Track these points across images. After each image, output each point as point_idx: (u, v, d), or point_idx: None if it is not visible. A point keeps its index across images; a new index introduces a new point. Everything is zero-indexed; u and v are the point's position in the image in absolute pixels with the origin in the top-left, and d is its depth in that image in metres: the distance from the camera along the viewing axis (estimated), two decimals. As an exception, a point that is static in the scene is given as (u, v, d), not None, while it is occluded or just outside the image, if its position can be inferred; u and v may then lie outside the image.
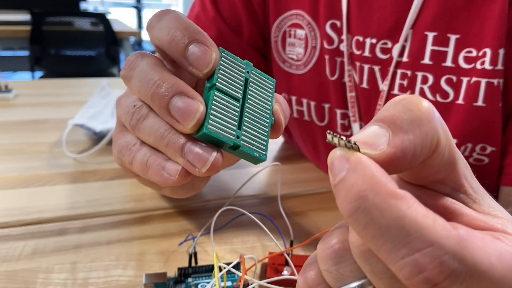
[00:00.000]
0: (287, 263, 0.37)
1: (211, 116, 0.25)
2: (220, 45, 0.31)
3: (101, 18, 2.47)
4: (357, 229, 0.15)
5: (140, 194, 0.51)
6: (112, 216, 0.46)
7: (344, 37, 0.48)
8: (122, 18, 3.48)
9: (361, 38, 0.47)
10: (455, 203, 0.19)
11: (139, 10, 5.69)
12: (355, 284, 0.17)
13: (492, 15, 0.39)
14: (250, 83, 0.27)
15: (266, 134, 0.27)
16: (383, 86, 0.47)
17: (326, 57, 0.50)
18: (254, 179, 0.54)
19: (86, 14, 2.58)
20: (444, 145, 0.17)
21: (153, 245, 0.42)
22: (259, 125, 0.27)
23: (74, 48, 2.52)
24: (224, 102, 0.26)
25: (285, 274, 0.35)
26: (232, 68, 0.27)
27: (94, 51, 2.58)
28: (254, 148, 0.26)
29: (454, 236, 0.14)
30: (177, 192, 0.35)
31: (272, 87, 0.29)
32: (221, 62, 0.26)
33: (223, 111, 0.25)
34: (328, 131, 0.17)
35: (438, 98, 0.43)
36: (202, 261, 0.38)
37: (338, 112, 0.51)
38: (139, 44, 5.43)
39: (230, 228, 0.44)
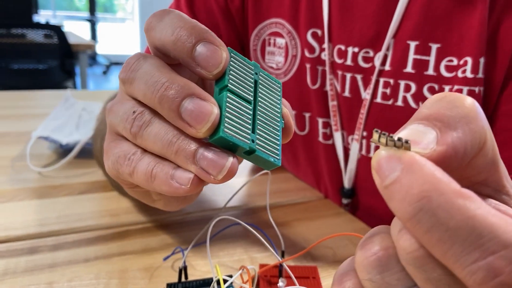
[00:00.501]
0: (280, 275, 0.35)
1: (226, 119, 0.23)
2: None
3: (56, 30, 2.38)
4: (418, 233, 0.14)
5: (114, 208, 0.49)
6: (87, 232, 0.44)
7: (325, 45, 0.48)
8: (76, 31, 3.39)
9: (343, 47, 0.47)
10: (499, 205, 0.18)
11: (93, 23, 5.56)
12: None
13: (472, 25, 0.40)
14: (260, 85, 0.26)
15: (278, 138, 0.26)
16: (366, 95, 0.47)
17: (307, 66, 0.50)
18: (235, 190, 0.53)
19: (40, 26, 2.48)
20: (489, 144, 0.17)
21: (134, 261, 0.39)
22: (271, 129, 0.26)
23: (26, 61, 2.42)
24: (237, 104, 0.24)
25: (281, 285, 0.34)
26: (241, 69, 0.25)
27: (48, 64, 2.48)
28: (269, 152, 0.25)
29: None
30: (171, 205, 0.33)
31: (279, 89, 0.28)
32: (230, 62, 0.25)
33: (237, 114, 0.24)
34: (375, 129, 0.16)
35: None
36: (190, 276, 0.36)
37: (320, 121, 0.51)
38: (93, 58, 5.30)
39: (215, 242, 0.43)
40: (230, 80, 0.24)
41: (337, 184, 0.54)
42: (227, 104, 0.24)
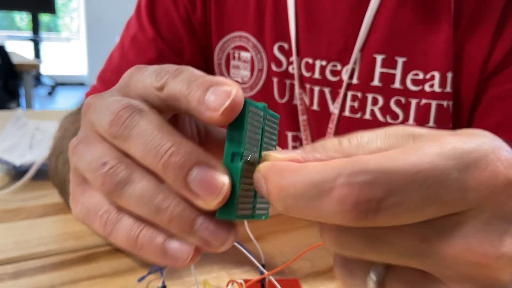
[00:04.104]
0: (262, 289, 0.35)
1: (240, 198, 0.20)
2: None
3: (-2, 49, 2.28)
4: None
5: (78, 230, 0.46)
6: (50, 257, 0.41)
7: (293, 59, 0.49)
8: (19, 51, 3.25)
9: (310, 60, 0.48)
10: None
11: (36, 43, 5.36)
12: None
13: (437, 40, 0.42)
14: (265, 134, 0.23)
15: None
16: (334, 109, 0.47)
17: (275, 79, 0.50)
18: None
19: (-20, 45, 2.36)
20: None
21: (104, 284, 0.37)
22: None
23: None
24: (249, 173, 0.21)
25: (265, 300, 0.33)
26: (255, 123, 0.22)
27: (-11, 85, 2.36)
28: (261, 211, 0.22)
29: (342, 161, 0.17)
30: None
31: (276, 126, 0.24)
32: (249, 118, 0.21)
33: (248, 186, 0.21)
34: None
35: (389, 120, 0.45)
36: (168, 297, 0.35)
37: (289, 134, 0.51)
38: (37, 78, 5.09)
39: (188, 260, 0.41)
40: (246, 144, 0.21)
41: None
42: (242, 179, 0.20)
